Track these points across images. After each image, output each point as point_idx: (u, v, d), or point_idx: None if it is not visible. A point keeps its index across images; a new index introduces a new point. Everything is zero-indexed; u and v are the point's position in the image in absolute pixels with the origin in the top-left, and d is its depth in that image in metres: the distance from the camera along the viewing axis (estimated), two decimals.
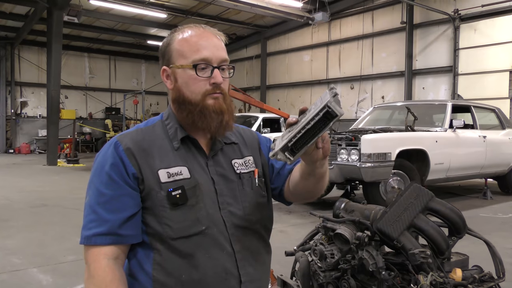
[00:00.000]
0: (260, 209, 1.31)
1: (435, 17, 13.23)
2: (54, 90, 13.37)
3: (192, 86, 1.20)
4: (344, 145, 5.88)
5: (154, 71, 23.42)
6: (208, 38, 1.22)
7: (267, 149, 1.40)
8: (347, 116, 15.50)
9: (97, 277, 1.10)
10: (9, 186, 8.91)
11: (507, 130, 8.17)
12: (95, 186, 1.17)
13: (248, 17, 16.95)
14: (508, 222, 5.93)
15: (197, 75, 1.19)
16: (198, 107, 1.19)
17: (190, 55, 1.20)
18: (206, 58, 1.20)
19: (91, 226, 1.14)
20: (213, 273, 1.17)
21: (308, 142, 1.04)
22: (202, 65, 1.19)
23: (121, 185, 1.15)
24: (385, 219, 1.96)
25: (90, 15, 15.37)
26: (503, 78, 11.85)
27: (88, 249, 1.14)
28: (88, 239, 1.13)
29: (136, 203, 1.16)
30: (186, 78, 1.20)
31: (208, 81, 1.20)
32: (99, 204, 1.14)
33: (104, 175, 1.16)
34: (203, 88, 1.20)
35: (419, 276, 1.83)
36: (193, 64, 1.19)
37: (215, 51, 1.21)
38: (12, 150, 18.89)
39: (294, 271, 2.40)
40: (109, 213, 1.13)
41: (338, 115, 1.00)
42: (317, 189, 1.32)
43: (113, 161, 1.16)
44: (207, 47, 1.20)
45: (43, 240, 4.80)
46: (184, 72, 1.21)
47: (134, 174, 1.16)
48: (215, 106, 1.20)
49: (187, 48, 1.21)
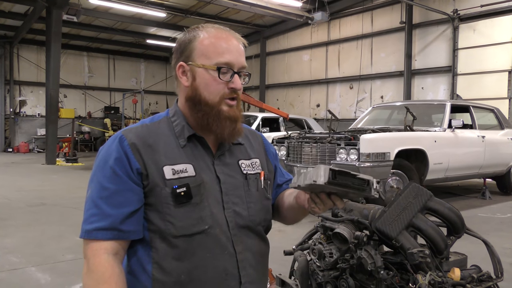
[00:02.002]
0: (264, 211, 1.31)
1: (434, 17, 13.24)
2: (53, 89, 13.36)
3: (211, 87, 1.20)
4: (343, 145, 5.88)
5: (153, 70, 23.40)
6: (233, 43, 1.23)
7: (273, 156, 1.45)
8: (346, 116, 15.52)
9: (96, 272, 1.09)
10: (7, 185, 8.90)
11: (506, 130, 8.18)
12: (98, 180, 1.15)
13: (248, 16, 16.94)
14: (506, 222, 5.94)
15: (219, 78, 1.19)
16: (214, 110, 1.20)
17: (214, 57, 1.19)
18: (229, 63, 1.20)
19: (92, 220, 1.12)
20: (213, 273, 1.16)
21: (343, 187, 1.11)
22: (225, 69, 1.20)
23: (124, 180, 1.13)
24: (383, 219, 1.96)
25: (89, 14, 15.35)
26: (502, 78, 11.86)
27: (88, 243, 1.12)
28: (88, 233, 1.12)
29: (139, 199, 1.15)
30: (207, 79, 1.20)
31: (226, 85, 1.20)
32: (101, 198, 1.13)
33: (108, 169, 1.14)
34: (221, 91, 1.20)
35: (418, 276, 1.83)
36: (217, 67, 1.19)
37: (238, 57, 1.22)
38: (11, 149, 18.87)
39: (293, 270, 2.40)
40: (112, 208, 1.12)
41: (373, 196, 1.15)
42: (288, 220, 1.43)
43: (118, 155, 1.15)
44: (231, 51, 1.21)
45: (42, 239, 4.80)
46: (205, 72, 1.20)
47: (138, 169, 1.15)
48: (230, 113, 1.21)
49: (212, 49, 1.20)
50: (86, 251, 1.12)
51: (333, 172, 1.09)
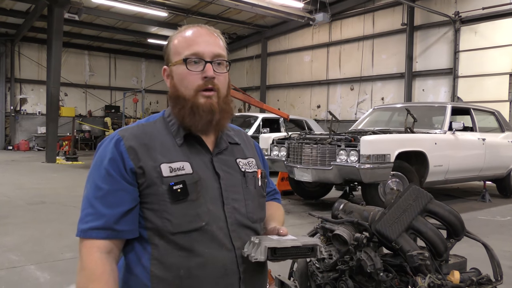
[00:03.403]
0: (261, 209, 1.33)
1: (435, 19, 13.24)
2: (54, 88, 13.36)
3: (185, 80, 1.22)
4: (343, 146, 5.88)
5: (154, 69, 23.41)
6: (202, 35, 1.25)
7: (264, 163, 1.47)
8: (347, 117, 15.52)
9: (88, 270, 1.11)
10: (7, 183, 8.90)
11: (506, 133, 8.18)
12: (93, 180, 1.18)
13: (249, 16, 16.93)
14: (506, 225, 5.93)
15: (187, 69, 1.21)
16: (189, 103, 1.21)
17: (183, 51, 1.23)
18: (197, 53, 1.21)
19: (87, 220, 1.15)
20: (212, 269, 1.17)
21: (286, 257, 1.19)
22: (194, 59, 1.21)
23: (118, 180, 1.15)
24: (383, 221, 1.95)
25: (90, 12, 15.34)
26: (503, 81, 11.86)
27: (83, 241, 1.14)
28: (83, 232, 1.14)
29: (133, 198, 1.16)
30: (179, 73, 1.23)
31: (200, 76, 1.21)
32: (96, 198, 1.15)
33: (102, 169, 1.17)
34: (195, 83, 1.21)
35: (417, 278, 1.82)
36: (183, 58, 1.21)
37: (208, 46, 1.23)
38: (11, 147, 18.87)
39: (292, 271, 2.39)
40: (106, 208, 1.14)
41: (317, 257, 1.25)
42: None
43: (112, 156, 1.17)
44: (199, 42, 1.23)
45: (41, 237, 4.80)
46: (177, 68, 1.23)
47: (132, 169, 1.16)
48: (205, 105, 1.21)
49: (181, 45, 1.24)
50: (81, 249, 1.15)
51: (271, 250, 1.14)
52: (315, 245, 1.20)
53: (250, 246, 1.19)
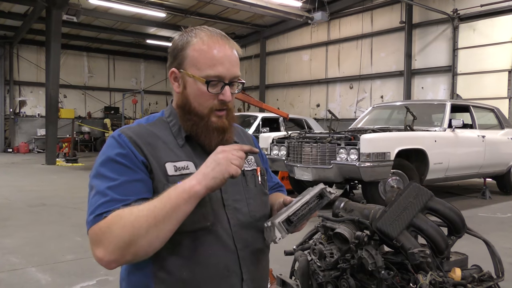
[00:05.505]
0: (263, 206, 1.33)
1: (434, 16, 13.24)
2: (53, 89, 13.36)
3: (200, 99, 1.19)
4: (343, 145, 5.88)
5: (153, 70, 23.40)
6: (226, 52, 1.19)
7: (264, 159, 1.46)
8: (346, 116, 15.52)
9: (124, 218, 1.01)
10: (7, 185, 8.90)
11: (506, 130, 8.18)
12: (103, 176, 1.10)
13: (247, 16, 16.93)
14: (506, 222, 5.94)
15: (208, 91, 1.18)
16: (203, 121, 1.20)
17: (205, 68, 1.17)
18: (220, 75, 1.18)
19: (102, 208, 1.05)
20: (215, 270, 1.16)
21: (303, 218, 1.19)
22: (214, 82, 1.18)
23: (134, 170, 1.11)
24: (384, 219, 1.95)
25: (89, 14, 15.35)
26: (502, 78, 11.86)
27: (99, 223, 1.03)
28: (99, 216, 1.03)
29: (149, 189, 1.12)
30: (196, 89, 1.19)
31: (216, 97, 1.19)
32: (110, 188, 1.07)
33: (114, 164, 1.11)
34: (210, 103, 1.19)
35: (419, 276, 1.82)
36: (206, 80, 1.17)
37: (230, 68, 1.19)
38: (11, 149, 18.87)
39: (294, 270, 2.39)
40: (121, 196, 1.07)
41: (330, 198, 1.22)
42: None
43: (121, 151, 1.13)
44: (223, 62, 1.18)
45: (42, 239, 4.80)
46: (195, 83, 1.19)
47: (144, 161, 1.14)
48: (218, 124, 1.20)
49: (203, 60, 1.17)
50: (102, 227, 1.02)
51: (285, 221, 1.15)
52: (320, 190, 1.19)
53: (267, 232, 1.18)
